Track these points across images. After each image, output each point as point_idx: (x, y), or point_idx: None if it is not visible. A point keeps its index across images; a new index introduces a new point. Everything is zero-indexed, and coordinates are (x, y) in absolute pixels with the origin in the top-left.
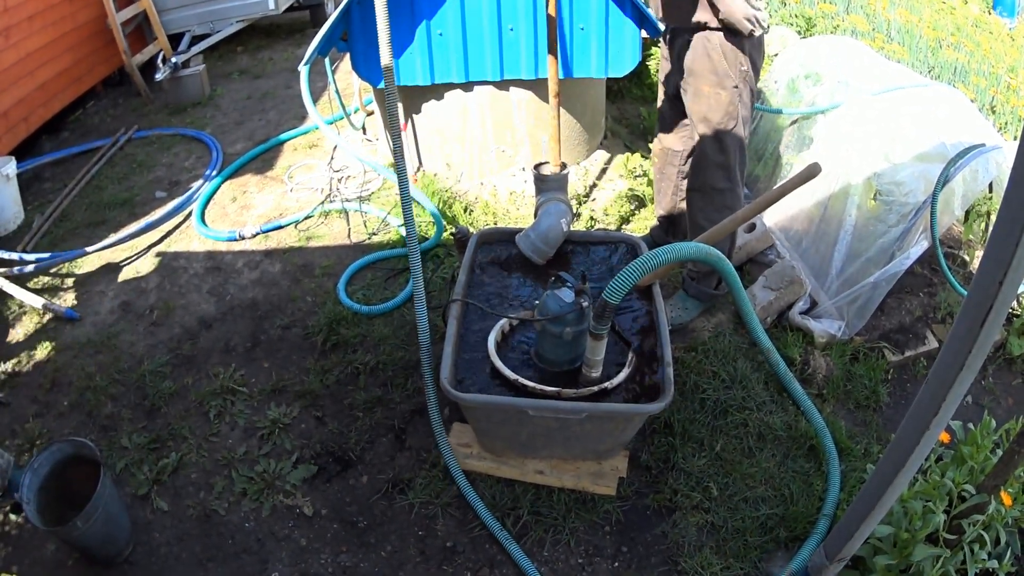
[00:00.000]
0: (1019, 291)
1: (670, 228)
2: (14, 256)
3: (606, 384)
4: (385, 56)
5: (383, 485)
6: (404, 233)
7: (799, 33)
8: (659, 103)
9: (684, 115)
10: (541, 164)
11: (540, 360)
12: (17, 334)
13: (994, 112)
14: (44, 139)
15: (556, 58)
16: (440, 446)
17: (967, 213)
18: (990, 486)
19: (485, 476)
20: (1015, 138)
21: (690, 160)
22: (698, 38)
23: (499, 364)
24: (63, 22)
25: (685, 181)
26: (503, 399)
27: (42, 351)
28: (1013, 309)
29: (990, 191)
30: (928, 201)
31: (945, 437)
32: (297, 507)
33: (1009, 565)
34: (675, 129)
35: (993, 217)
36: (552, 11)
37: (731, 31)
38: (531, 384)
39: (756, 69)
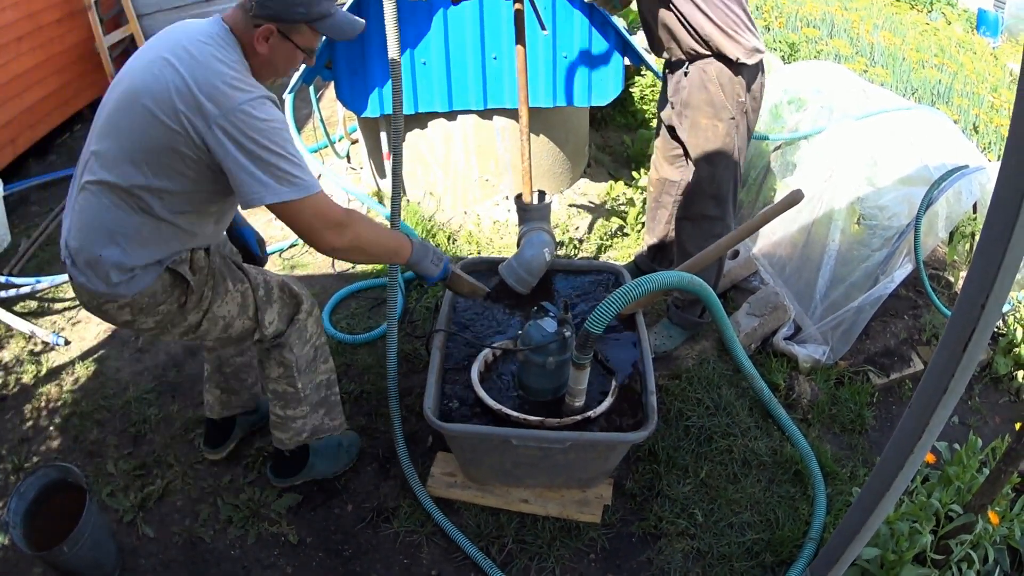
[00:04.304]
0: (1004, 310)
1: (658, 256)
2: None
3: (589, 413)
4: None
5: (368, 514)
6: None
7: (783, 58)
8: (655, 134)
9: (680, 146)
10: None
11: (523, 390)
12: (3, 357)
13: (977, 132)
14: (31, 161)
15: (527, 120)
16: (412, 486)
17: (951, 234)
18: (977, 505)
19: (470, 505)
20: (998, 158)
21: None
22: (695, 69)
23: (482, 394)
24: (51, 44)
25: None
26: (486, 429)
27: (28, 375)
28: (999, 328)
29: (974, 212)
30: (912, 224)
31: (931, 458)
32: (282, 535)
33: None
34: (672, 160)
35: (978, 238)
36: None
37: (725, 60)
38: (514, 414)
39: (755, 99)
